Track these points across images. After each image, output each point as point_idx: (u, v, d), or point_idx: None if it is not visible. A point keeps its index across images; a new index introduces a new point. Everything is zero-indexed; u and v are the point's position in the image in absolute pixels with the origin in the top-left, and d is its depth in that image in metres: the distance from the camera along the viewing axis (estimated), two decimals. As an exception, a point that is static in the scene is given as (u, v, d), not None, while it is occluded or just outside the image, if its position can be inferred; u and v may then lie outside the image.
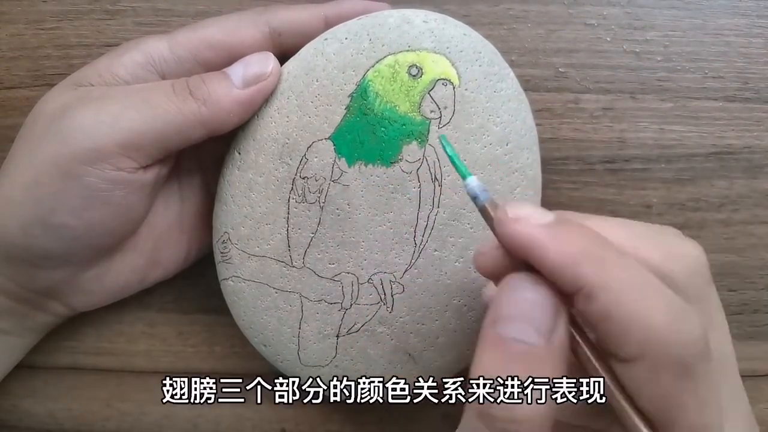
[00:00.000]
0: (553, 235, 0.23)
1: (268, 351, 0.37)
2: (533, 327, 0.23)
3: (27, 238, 0.33)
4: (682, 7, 0.40)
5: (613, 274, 0.22)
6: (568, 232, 0.23)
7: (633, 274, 0.23)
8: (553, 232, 0.23)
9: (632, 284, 0.23)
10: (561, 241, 0.23)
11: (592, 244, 0.23)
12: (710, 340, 0.23)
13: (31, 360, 0.41)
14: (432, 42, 0.33)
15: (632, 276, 0.23)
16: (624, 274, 0.23)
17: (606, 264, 0.23)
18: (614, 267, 0.23)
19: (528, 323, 0.23)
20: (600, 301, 0.22)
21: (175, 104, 0.32)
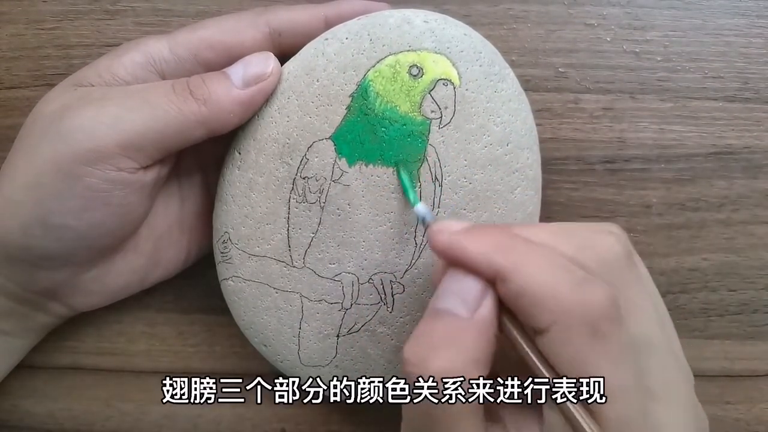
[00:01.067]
0: (468, 237, 0.27)
1: (268, 351, 0.37)
2: (461, 301, 0.26)
3: (27, 238, 0.33)
4: (682, 7, 0.40)
5: (522, 257, 0.26)
6: (481, 232, 0.27)
7: (540, 255, 0.26)
8: (468, 234, 0.27)
9: (539, 263, 0.26)
10: (475, 240, 0.26)
11: (503, 238, 0.26)
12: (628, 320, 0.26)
13: (31, 360, 0.41)
14: (432, 42, 0.33)
15: (539, 257, 0.26)
16: (532, 256, 0.26)
17: (515, 250, 0.26)
18: (523, 252, 0.26)
19: (456, 297, 0.26)
20: (513, 281, 0.25)
21: (175, 104, 0.32)
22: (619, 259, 0.27)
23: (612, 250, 0.27)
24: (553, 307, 0.25)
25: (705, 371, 0.41)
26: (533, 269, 0.25)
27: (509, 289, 0.25)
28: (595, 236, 0.28)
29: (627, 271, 0.27)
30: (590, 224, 0.29)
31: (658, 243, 0.40)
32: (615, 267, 0.27)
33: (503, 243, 0.26)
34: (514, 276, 0.25)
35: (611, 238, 0.28)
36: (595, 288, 0.25)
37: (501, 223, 0.29)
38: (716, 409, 0.41)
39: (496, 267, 0.26)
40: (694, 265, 0.40)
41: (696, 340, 0.41)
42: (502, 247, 0.26)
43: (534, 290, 0.25)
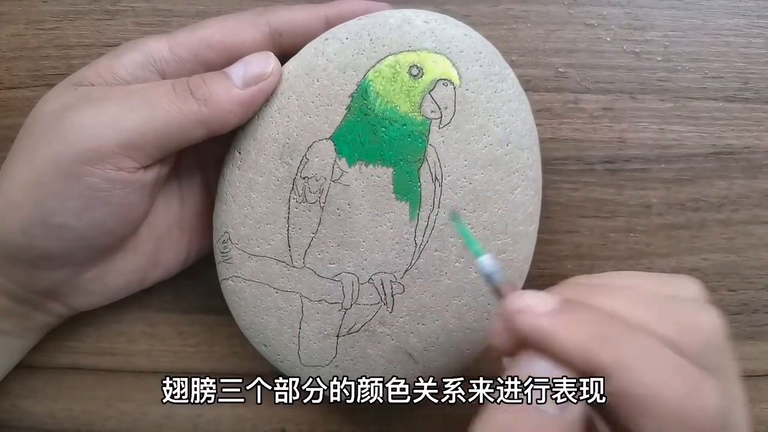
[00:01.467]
0: (559, 323, 0.23)
1: (268, 351, 0.37)
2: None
3: (27, 238, 0.33)
4: (682, 7, 0.40)
5: (624, 352, 0.23)
6: (574, 317, 0.24)
7: (646, 349, 0.23)
8: (558, 320, 0.23)
9: (646, 360, 0.23)
10: (568, 328, 0.23)
11: (601, 326, 0.23)
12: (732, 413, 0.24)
13: (31, 360, 0.41)
14: (433, 42, 0.33)
15: (645, 352, 0.23)
16: (636, 352, 0.23)
17: (617, 343, 0.23)
18: (625, 345, 0.23)
19: None
20: (615, 381, 0.22)
21: (175, 104, 0.32)
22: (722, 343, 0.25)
23: (717, 332, 0.25)
24: (660, 415, 0.22)
25: (705, 371, 0.41)
26: (639, 366, 0.22)
27: (609, 390, 0.23)
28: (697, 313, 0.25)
29: (725, 354, 0.25)
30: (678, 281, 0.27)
31: (658, 243, 0.40)
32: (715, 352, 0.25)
33: (602, 334, 0.23)
34: (617, 375, 0.22)
35: (713, 315, 0.25)
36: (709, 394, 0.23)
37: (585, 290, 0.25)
38: (716, 409, 0.41)
39: (595, 364, 0.23)
40: (694, 265, 0.40)
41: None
42: (601, 338, 0.23)
43: (640, 393, 0.22)
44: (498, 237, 0.35)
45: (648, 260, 0.40)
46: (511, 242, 0.35)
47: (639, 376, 0.22)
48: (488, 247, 0.35)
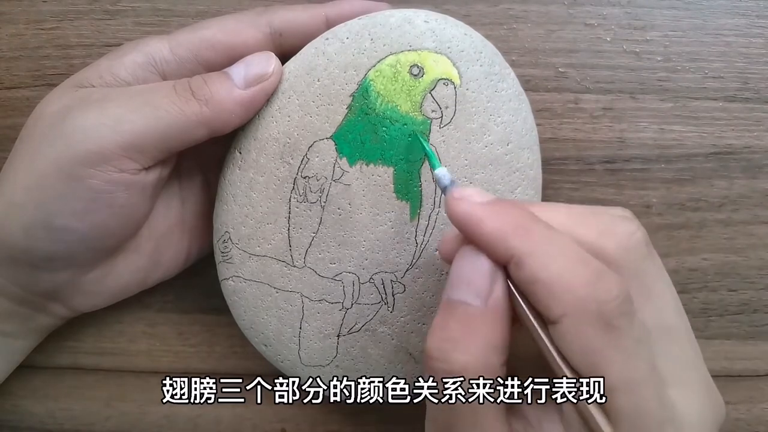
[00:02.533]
0: (488, 211, 0.26)
1: (268, 351, 0.37)
2: (473, 290, 0.26)
3: (29, 240, 0.33)
4: (682, 7, 0.40)
5: (539, 243, 0.25)
6: (502, 209, 0.27)
7: (557, 243, 0.26)
8: (488, 209, 0.26)
9: (556, 251, 0.25)
10: (494, 216, 0.26)
11: (522, 219, 0.26)
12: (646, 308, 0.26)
13: (32, 360, 0.41)
14: (433, 42, 0.33)
15: (556, 245, 0.26)
16: (549, 244, 0.26)
17: (533, 235, 0.26)
18: (540, 238, 0.26)
19: (468, 287, 0.26)
20: (527, 267, 0.25)
21: (177, 105, 0.32)
22: (640, 246, 0.27)
23: (633, 237, 0.27)
24: (566, 299, 0.25)
25: (705, 371, 0.41)
26: (549, 257, 0.25)
27: (523, 274, 0.25)
28: (616, 222, 0.28)
29: (648, 258, 0.28)
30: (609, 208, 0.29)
31: (658, 243, 0.40)
32: (636, 254, 0.27)
33: (523, 224, 0.26)
34: (529, 262, 0.25)
35: (632, 225, 0.28)
36: (609, 281, 0.25)
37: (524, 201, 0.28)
38: (716, 409, 0.41)
39: (512, 250, 0.25)
40: (694, 265, 0.40)
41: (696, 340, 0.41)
42: (521, 228, 0.26)
43: (548, 279, 0.25)
44: (498, 237, 0.35)
45: (648, 260, 0.40)
46: (512, 242, 0.35)
47: (546, 262, 0.25)
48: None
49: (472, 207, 0.27)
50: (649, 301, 0.27)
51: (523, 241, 0.25)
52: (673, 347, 0.27)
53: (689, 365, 0.28)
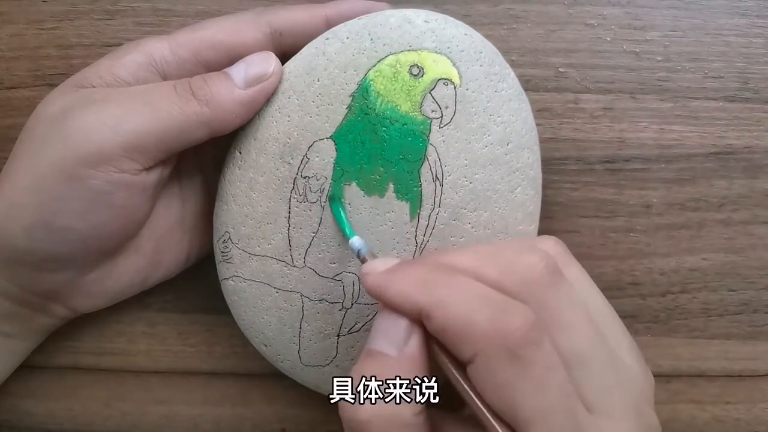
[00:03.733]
0: (391, 278, 0.28)
1: (268, 351, 0.37)
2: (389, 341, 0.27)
3: (30, 241, 0.33)
4: (682, 7, 0.40)
5: (441, 293, 0.27)
6: (403, 271, 0.28)
7: (458, 288, 0.27)
8: (391, 275, 0.28)
9: (458, 296, 0.26)
10: (397, 280, 0.28)
11: (424, 275, 0.28)
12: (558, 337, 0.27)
13: (31, 360, 0.41)
14: (433, 42, 0.33)
15: (458, 290, 0.27)
16: (451, 291, 0.27)
17: (434, 287, 0.27)
18: (442, 287, 0.27)
19: (385, 337, 0.28)
20: (435, 317, 0.26)
21: (177, 105, 0.32)
22: (541, 278, 0.28)
23: (534, 270, 0.28)
24: (473, 339, 0.25)
25: (705, 371, 0.41)
26: (452, 303, 0.26)
27: (433, 325, 0.26)
28: (518, 258, 0.28)
29: (551, 289, 0.28)
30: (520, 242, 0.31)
31: (658, 243, 0.40)
32: (537, 287, 0.28)
33: (425, 279, 0.27)
34: (435, 312, 0.26)
35: (534, 257, 0.28)
36: (511, 314, 0.26)
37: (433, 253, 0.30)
38: (716, 409, 0.41)
39: (418, 306, 0.27)
40: (694, 265, 0.40)
41: (696, 340, 0.41)
42: (424, 284, 0.27)
43: (454, 324, 0.26)
44: (498, 236, 0.35)
45: (648, 260, 0.40)
46: (512, 242, 0.35)
47: (451, 309, 0.26)
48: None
49: (376, 278, 0.28)
50: (559, 330, 0.27)
51: (426, 296, 0.27)
52: (591, 374, 0.27)
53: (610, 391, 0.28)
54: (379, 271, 0.28)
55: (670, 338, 0.31)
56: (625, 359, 0.29)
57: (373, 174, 0.34)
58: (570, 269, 0.30)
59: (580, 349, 0.27)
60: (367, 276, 0.28)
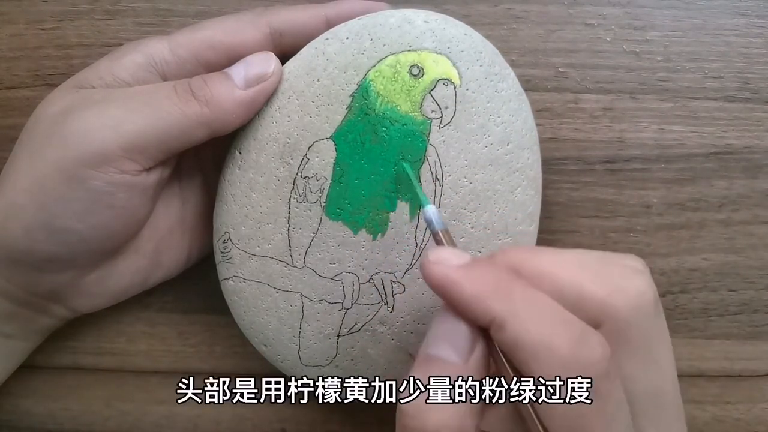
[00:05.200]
0: (466, 275, 0.26)
1: (268, 351, 0.37)
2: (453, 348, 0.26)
3: (31, 242, 0.33)
4: (682, 7, 0.40)
5: (519, 305, 0.25)
6: (480, 271, 0.26)
7: (538, 304, 0.25)
8: (466, 272, 0.26)
9: (537, 313, 0.25)
10: (473, 279, 0.25)
11: (502, 280, 0.26)
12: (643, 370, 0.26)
13: (32, 360, 0.41)
14: (433, 42, 0.33)
15: (537, 306, 0.25)
16: (530, 305, 0.25)
17: (513, 297, 0.25)
18: (521, 299, 0.25)
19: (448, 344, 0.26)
20: (509, 330, 0.24)
21: (177, 106, 0.32)
22: (649, 306, 0.26)
23: (645, 296, 0.26)
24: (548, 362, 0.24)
25: (705, 371, 0.41)
26: (530, 319, 0.24)
27: (505, 336, 0.25)
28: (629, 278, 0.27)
29: (655, 319, 0.27)
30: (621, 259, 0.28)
31: (658, 243, 0.40)
32: (646, 314, 0.26)
33: (502, 286, 0.25)
34: (510, 324, 0.24)
35: (643, 281, 0.27)
36: (592, 343, 0.24)
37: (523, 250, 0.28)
38: (716, 409, 0.41)
39: (492, 313, 0.25)
40: (694, 265, 0.40)
41: (696, 340, 0.41)
42: (501, 290, 0.25)
43: (530, 342, 0.24)
44: (498, 236, 0.35)
45: (648, 260, 0.40)
46: (512, 242, 0.35)
47: (527, 324, 0.24)
48: (489, 246, 0.35)
49: (450, 271, 0.26)
50: (648, 363, 0.26)
51: (503, 304, 0.25)
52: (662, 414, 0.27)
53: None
54: (452, 264, 0.26)
55: (671, 338, 0.31)
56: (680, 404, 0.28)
57: (373, 174, 0.34)
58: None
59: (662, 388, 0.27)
60: (437, 266, 0.26)
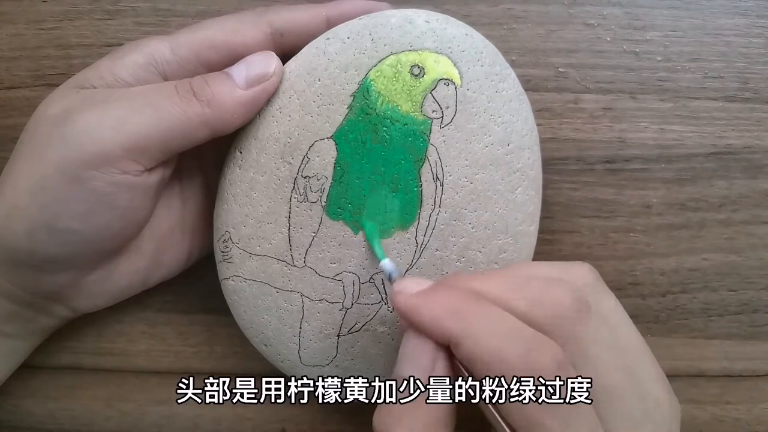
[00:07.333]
0: (423, 300, 0.28)
1: (268, 351, 0.37)
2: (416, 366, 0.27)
3: (32, 243, 0.33)
4: (682, 7, 0.40)
5: (472, 323, 0.26)
6: (435, 296, 0.28)
7: (490, 319, 0.27)
8: (422, 299, 0.28)
9: (488, 328, 0.26)
10: (429, 303, 0.28)
11: (456, 302, 0.27)
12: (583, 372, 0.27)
13: (32, 360, 0.41)
14: (434, 42, 0.33)
15: (488, 321, 0.27)
16: (481, 321, 0.27)
17: (466, 316, 0.27)
18: (473, 317, 0.27)
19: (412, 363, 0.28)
20: (464, 346, 0.26)
21: (179, 106, 0.32)
22: (569, 313, 0.28)
23: (562, 305, 0.28)
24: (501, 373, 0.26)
25: (705, 371, 0.41)
26: (482, 335, 0.26)
27: (462, 353, 0.26)
28: (546, 290, 0.28)
29: (579, 324, 0.28)
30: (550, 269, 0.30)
31: (658, 243, 0.40)
32: (565, 321, 0.28)
33: (456, 307, 0.27)
34: (464, 342, 0.26)
35: (560, 291, 0.28)
36: (542, 350, 0.26)
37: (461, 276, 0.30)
38: (716, 409, 0.41)
39: (447, 333, 0.27)
40: (694, 265, 0.40)
41: (696, 340, 0.41)
42: (455, 311, 0.27)
43: (483, 356, 0.26)
44: (498, 236, 0.35)
45: (648, 260, 0.40)
46: (512, 242, 0.35)
47: (481, 340, 0.26)
48: (489, 246, 0.35)
49: (408, 299, 0.28)
50: (585, 365, 0.27)
51: (457, 323, 0.27)
52: (620, 409, 0.28)
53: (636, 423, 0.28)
54: (411, 292, 0.28)
55: (670, 338, 0.31)
56: (654, 392, 0.29)
57: (373, 174, 0.34)
58: (601, 301, 0.30)
59: (608, 384, 0.28)
60: (399, 295, 0.28)
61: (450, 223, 0.34)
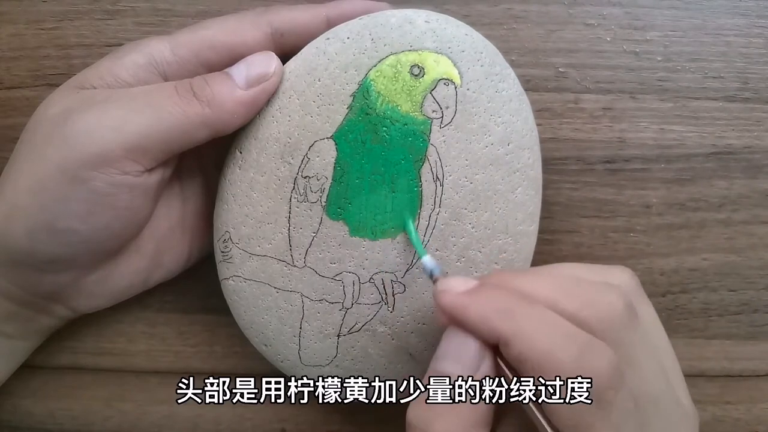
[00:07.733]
0: (471, 299, 0.28)
1: (268, 351, 0.37)
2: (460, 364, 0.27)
3: (33, 243, 0.33)
4: (682, 7, 0.40)
5: (523, 323, 0.26)
6: (484, 295, 0.28)
7: (541, 320, 0.26)
8: (470, 298, 0.28)
9: (540, 329, 0.26)
10: (477, 303, 0.27)
11: (505, 301, 0.27)
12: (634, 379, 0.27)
13: (32, 360, 0.41)
14: (434, 42, 0.33)
15: (540, 322, 0.26)
16: (533, 322, 0.26)
17: (516, 316, 0.26)
18: (524, 317, 0.26)
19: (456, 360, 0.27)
20: (515, 346, 0.26)
21: (179, 106, 0.32)
22: (619, 318, 0.28)
23: (613, 309, 0.28)
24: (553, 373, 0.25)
25: (705, 371, 0.41)
26: (535, 336, 0.26)
27: (512, 353, 0.26)
28: (597, 293, 0.28)
29: (628, 329, 0.28)
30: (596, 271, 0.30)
31: (658, 243, 0.40)
32: (615, 326, 0.27)
33: (505, 307, 0.27)
34: (514, 342, 0.26)
35: (612, 295, 0.28)
36: (596, 355, 0.26)
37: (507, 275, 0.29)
38: (716, 409, 0.41)
39: (497, 333, 0.26)
40: (694, 265, 0.40)
41: (696, 340, 0.41)
42: (504, 311, 0.27)
43: (535, 357, 0.26)
44: (498, 236, 0.35)
45: (648, 260, 0.40)
46: (512, 242, 0.35)
47: (532, 341, 0.26)
48: (489, 246, 0.35)
49: (456, 297, 0.28)
50: (631, 370, 0.27)
51: (507, 323, 0.26)
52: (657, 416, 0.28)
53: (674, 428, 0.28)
54: (458, 291, 0.28)
55: (670, 338, 0.31)
56: (683, 398, 0.29)
57: (373, 174, 0.34)
58: (642, 307, 0.30)
59: (652, 391, 0.28)
60: (444, 294, 0.28)
61: (450, 223, 0.34)
